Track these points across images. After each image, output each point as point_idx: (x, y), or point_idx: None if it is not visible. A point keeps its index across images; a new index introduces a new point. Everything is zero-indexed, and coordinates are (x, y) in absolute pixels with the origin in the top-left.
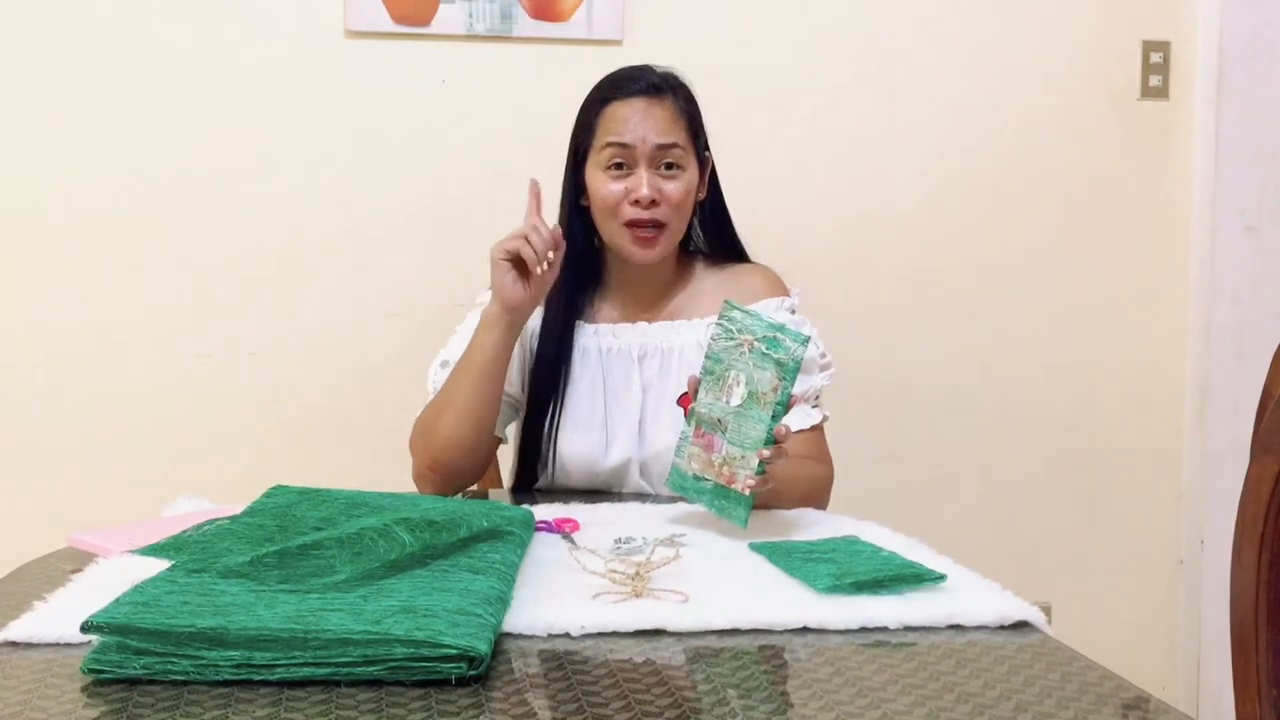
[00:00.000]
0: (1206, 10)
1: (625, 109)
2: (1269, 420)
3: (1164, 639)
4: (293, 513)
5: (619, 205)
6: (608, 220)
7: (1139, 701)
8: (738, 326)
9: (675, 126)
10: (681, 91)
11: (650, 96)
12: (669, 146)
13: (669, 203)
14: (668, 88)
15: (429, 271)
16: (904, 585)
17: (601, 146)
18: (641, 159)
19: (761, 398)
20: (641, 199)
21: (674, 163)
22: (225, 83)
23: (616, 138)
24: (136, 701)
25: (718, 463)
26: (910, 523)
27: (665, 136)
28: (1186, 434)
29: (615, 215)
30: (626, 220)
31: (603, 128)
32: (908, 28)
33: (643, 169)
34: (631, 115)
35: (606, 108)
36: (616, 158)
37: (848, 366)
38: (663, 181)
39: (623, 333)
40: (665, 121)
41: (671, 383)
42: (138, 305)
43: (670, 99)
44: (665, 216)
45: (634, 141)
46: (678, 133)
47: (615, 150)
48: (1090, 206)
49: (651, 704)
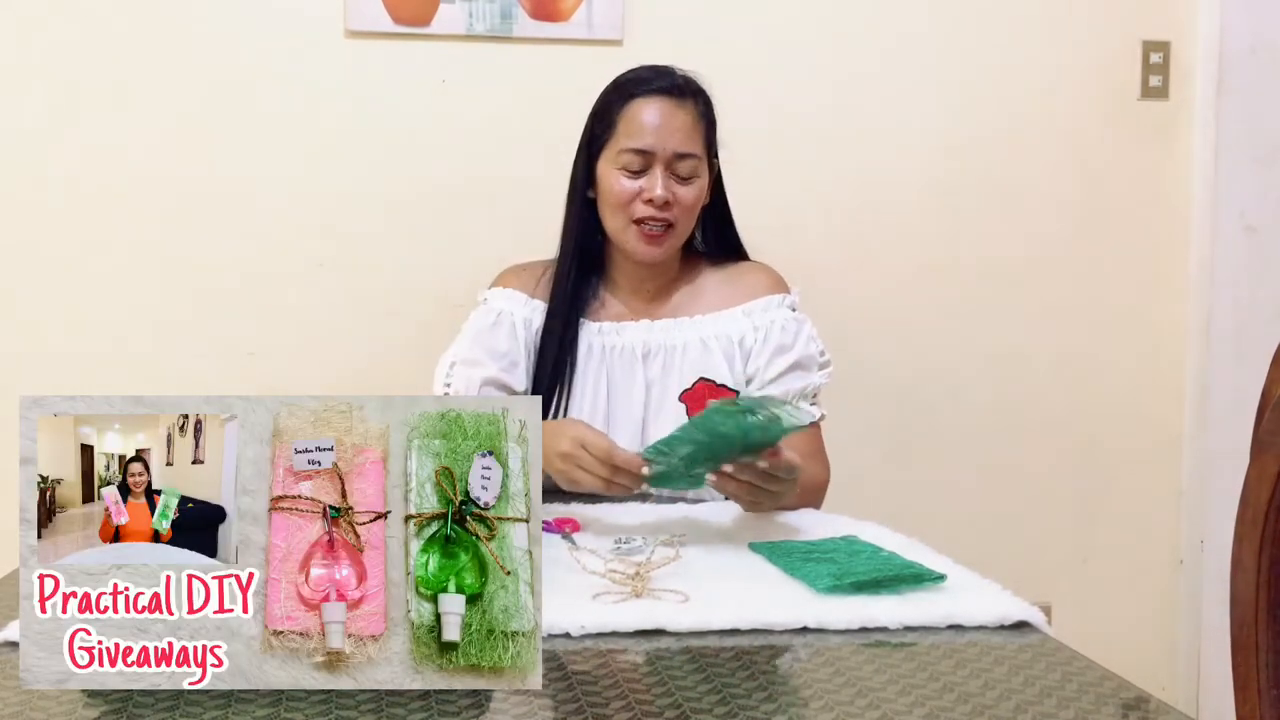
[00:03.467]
0: (1206, 10)
1: (647, 109)
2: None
3: (1164, 639)
4: None
5: (631, 202)
6: (616, 214)
7: (1139, 701)
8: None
9: (694, 135)
10: (702, 98)
11: (673, 97)
12: (687, 156)
13: (680, 206)
14: (690, 92)
15: (429, 271)
16: (904, 585)
17: (620, 148)
18: (659, 162)
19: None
20: (656, 199)
21: (690, 173)
22: (225, 82)
23: (637, 143)
24: (137, 701)
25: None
26: (910, 523)
27: (684, 146)
28: (1186, 434)
29: (625, 211)
30: (637, 217)
31: (624, 126)
32: (908, 28)
33: (658, 170)
34: (654, 119)
35: (629, 104)
36: (635, 163)
37: (847, 366)
38: (677, 186)
39: (626, 330)
40: (685, 130)
41: (674, 380)
42: (137, 305)
43: (692, 104)
44: (675, 218)
45: (654, 148)
46: (695, 142)
47: (634, 155)
48: (1090, 206)
49: (651, 704)
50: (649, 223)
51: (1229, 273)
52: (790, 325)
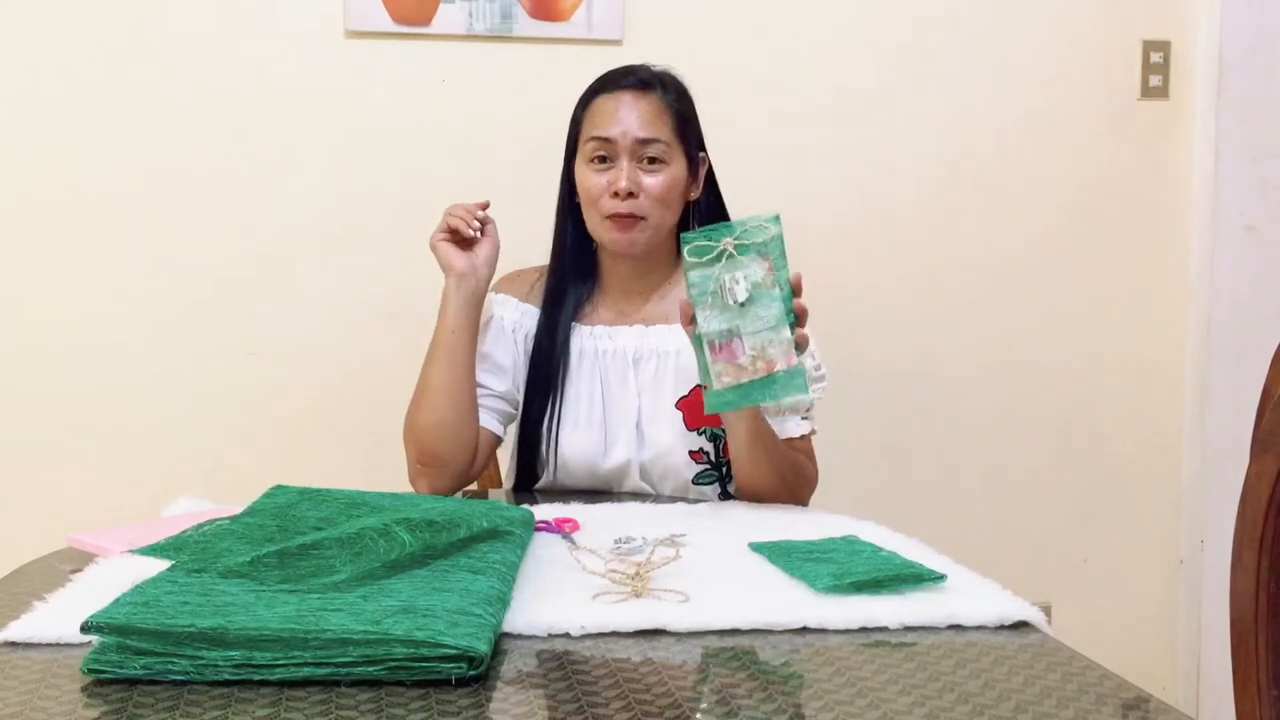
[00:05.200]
0: (1206, 10)
1: (610, 103)
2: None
3: (1164, 639)
4: (293, 513)
5: (600, 198)
6: (590, 211)
7: (1139, 701)
8: (707, 241)
9: (659, 121)
10: (672, 88)
11: (635, 91)
12: (650, 141)
13: (648, 195)
14: (656, 83)
15: (428, 271)
16: (904, 585)
17: (586, 140)
18: (623, 152)
19: (763, 282)
20: (620, 190)
21: (656, 157)
22: (225, 82)
23: (599, 131)
24: (136, 701)
25: (749, 362)
26: (910, 522)
27: (647, 131)
28: (1186, 434)
29: (597, 207)
30: (606, 212)
31: (588, 122)
32: (908, 27)
33: (624, 161)
34: (615, 109)
35: (593, 101)
36: (599, 151)
37: (847, 366)
38: (643, 175)
39: (618, 334)
40: (649, 116)
41: (667, 387)
42: (137, 305)
43: (658, 94)
44: (643, 210)
45: (615, 135)
46: (661, 128)
47: (597, 144)
48: (1090, 206)
49: (651, 704)
50: (618, 216)
51: (1229, 273)
52: None
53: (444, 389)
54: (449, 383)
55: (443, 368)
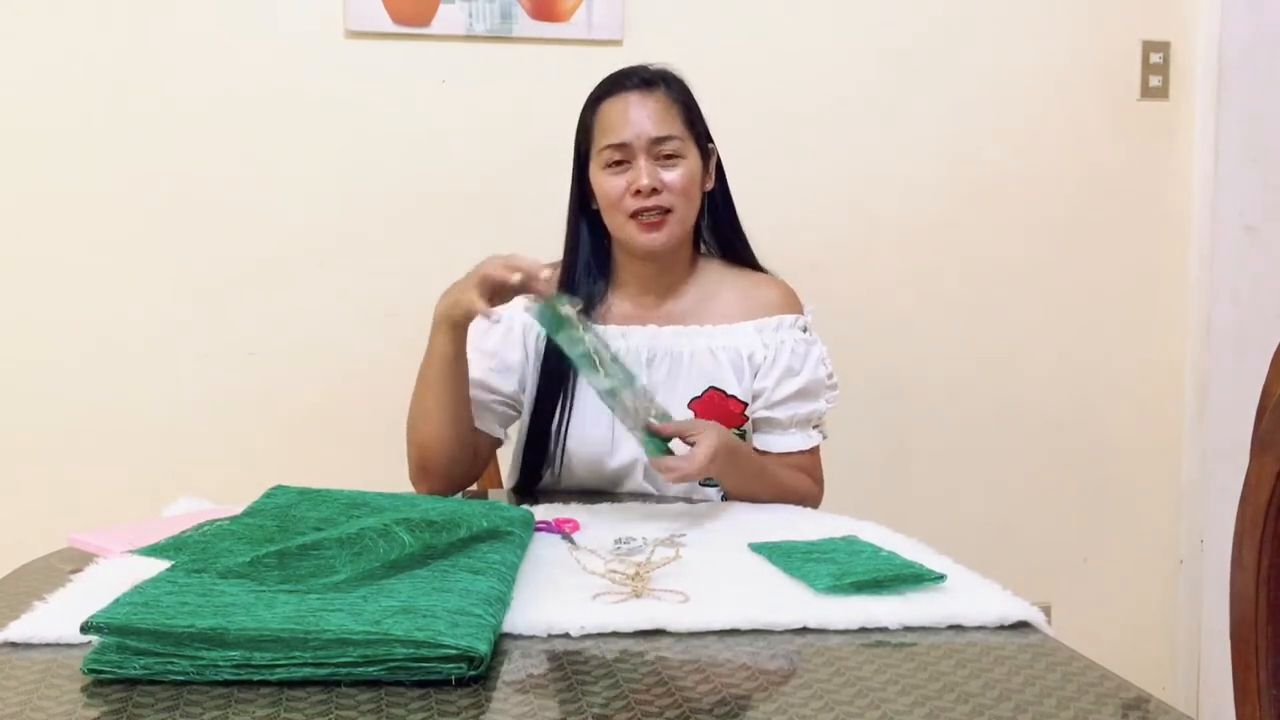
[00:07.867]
0: (1206, 10)
1: (618, 106)
2: (1269, 420)
3: (1164, 639)
4: (293, 513)
5: (622, 199)
6: (614, 215)
7: (1139, 701)
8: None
9: (669, 117)
10: (674, 83)
11: (640, 91)
12: (665, 139)
13: (671, 190)
14: (659, 80)
15: (428, 271)
16: (904, 585)
17: (600, 148)
18: (640, 153)
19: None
20: (643, 188)
21: (673, 153)
22: (225, 82)
23: (613, 138)
24: (136, 702)
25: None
26: (910, 523)
27: (659, 129)
28: (1186, 433)
29: (620, 209)
30: (631, 211)
31: (599, 128)
32: (908, 28)
33: (642, 161)
34: (624, 112)
35: (600, 107)
36: (615, 156)
37: (847, 366)
38: (663, 171)
39: (632, 334)
40: (658, 114)
41: (681, 386)
42: (137, 305)
43: (662, 91)
44: (669, 202)
45: (629, 138)
46: (672, 123)
47: (613, 150)
48: (1090, 206)
49: (651, 704)
50: (644, 212)
51: (1229, 273)
52: (800, 348)
53: (443, 413)
54: (448, 406)
55: (443, 395)
